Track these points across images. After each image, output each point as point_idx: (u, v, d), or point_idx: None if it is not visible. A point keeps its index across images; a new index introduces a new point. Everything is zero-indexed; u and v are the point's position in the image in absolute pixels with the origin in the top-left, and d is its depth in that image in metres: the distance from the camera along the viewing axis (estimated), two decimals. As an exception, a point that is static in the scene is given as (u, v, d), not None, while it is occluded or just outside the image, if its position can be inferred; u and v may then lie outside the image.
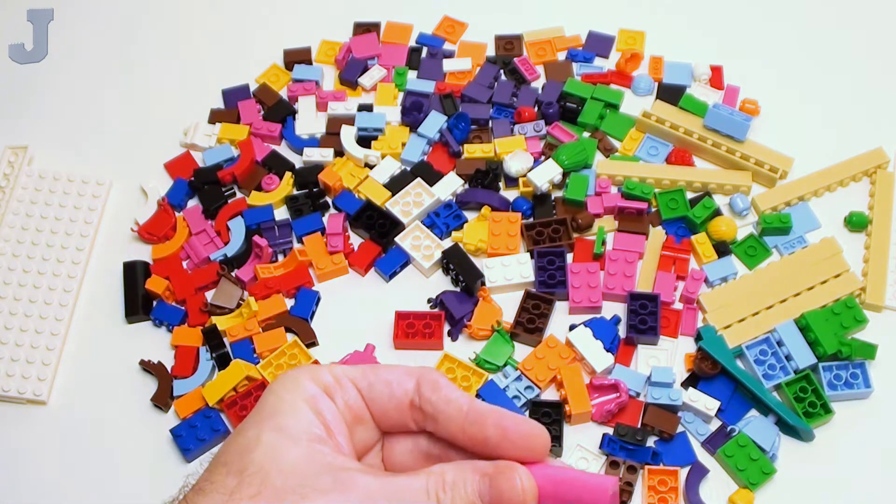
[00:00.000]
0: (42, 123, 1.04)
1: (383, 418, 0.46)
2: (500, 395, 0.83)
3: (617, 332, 0.87)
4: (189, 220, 0.95)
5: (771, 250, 0.91)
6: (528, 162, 0.94)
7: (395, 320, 0.88)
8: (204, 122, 1.02)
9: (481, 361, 0.85)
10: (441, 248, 0.91)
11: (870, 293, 0.87)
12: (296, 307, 0.90)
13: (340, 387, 0.46)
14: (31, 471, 0.84)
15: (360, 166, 0.98)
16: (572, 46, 1.06)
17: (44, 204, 0.96)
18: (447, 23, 1.09)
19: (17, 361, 0.88)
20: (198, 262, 0.93)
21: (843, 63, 1.04)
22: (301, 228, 0.94)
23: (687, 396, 0.82)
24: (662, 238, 0.91)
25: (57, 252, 0.94)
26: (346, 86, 1.05)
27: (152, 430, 0.84)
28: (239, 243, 0.93)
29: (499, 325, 0.86)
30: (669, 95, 1.00)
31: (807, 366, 0.83)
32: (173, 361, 0.88)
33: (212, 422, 0.83)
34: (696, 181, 0.95)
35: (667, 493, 0.78)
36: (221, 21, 1.11)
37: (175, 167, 1.00)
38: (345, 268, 0.92)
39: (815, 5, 1.08)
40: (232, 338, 0.88)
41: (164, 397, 0.85)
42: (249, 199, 0.96)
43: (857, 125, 0.98)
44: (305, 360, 0.86)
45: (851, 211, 0.92)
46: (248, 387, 0.84)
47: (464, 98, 1.02)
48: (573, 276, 0.89)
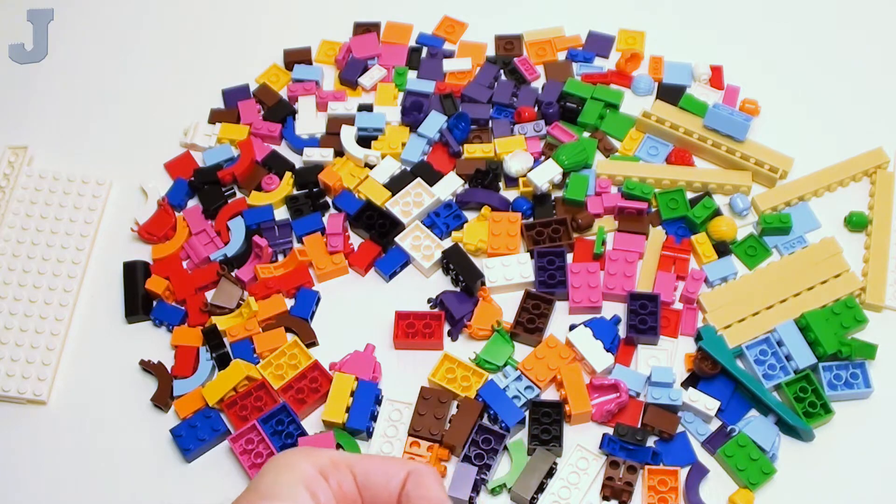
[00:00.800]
0: (42, 123, 1.04)
1: None
2: (500, 395, 0.83)
3: (617, 332, 0.87)
4: (189, 220, 0.95)
5: (771, 250, 0.91)
6: (528, 162, 0.94)
7: (395, 320, 0.88)
8: (204, 122, 1.02)
9: (481, 361, 0.85)
10: (441, 248, 0.91)
11: (870, 293, 0.87)
12: (296, 307, 0.90)
13: (337, 470, 0.46)
14: (31, 471, 0.84)
15: (360, 166, 0.98)
16: (572, 46, 1.06)
17: (44, 204, 0.96)
18: (447, 23, 1.09)
19: (17, 361, 0.88)
20: (198, 262, 0.93)
21: (843, 63, 1.04)
22: (301, 228, 0.94)
23: (687, 396, 0.82)
24: (662, 238, 0.91)
25: (57, 252, 0.94)
26: (346, 86, 1.05)
27: (152, 430, 0.85)
28: (239, 243, 0.93)
29: (499, 325, 0.86)
30: (669, 95, 1.00)
31: (807, 366, 0.83)
32: (173, 361, 0.88)
33: (212, 422, 0.83)
34: (696, 181, 0.95)
35: (667, 493, 0.78)
36: (221, 21, 1.11)
37: (175, 167, 1.00)
38: (345, 268, 0.92)
39: (815, 5, 1.08)
40: (232, 338, 0.88)
41: (164, 397, 0.85)
42: (249, 199, 0.96)
43: (857, 125, 0.99)
44: (305, 360, 0.86)
45: (851, 211, 0.92)
46: (248, 387, 0.84)
47: (464, 98, 1.02)
48: (573, 276, 0.89)
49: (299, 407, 0.83)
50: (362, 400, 0.83)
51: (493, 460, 0.80)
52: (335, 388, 0.83)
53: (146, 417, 0.86)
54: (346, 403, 0.82)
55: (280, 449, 0.80)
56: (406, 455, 0.81)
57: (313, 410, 0.85)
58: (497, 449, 0.80)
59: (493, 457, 0.80)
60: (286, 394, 0.84)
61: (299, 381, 0.84)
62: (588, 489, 0.79)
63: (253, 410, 0.83)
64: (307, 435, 0.82)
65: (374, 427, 0.83)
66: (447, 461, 0.82)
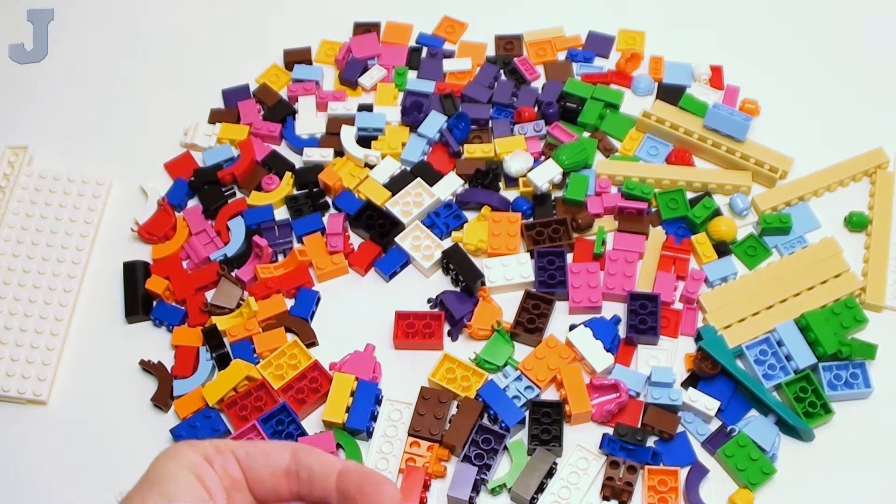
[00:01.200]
0: (42, 123, 1.04)
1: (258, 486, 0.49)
2: (500, 395, 0.83)
3: (617, 332, 0.87)
4: (189, 220, 0.95)
5: (771, 250, 0.91)
6: (528, 162, 0.94)
7: (395, 320, 0.88)
8: (204, 122, 1.02)
9: (481, 361, 0.85)
10: (441, 248, 0.91)
11: (870, 293, 0.87)
12: (296, 307, 0.90)
13: (220, 455, 0.49)
14: (31, 471, 0.84)
15: (360, 166, 0.98)
16: (572, 46, 1.06)
17: (44, 204, 0.96)
18: (447, 23, 1.09)
19: (17, 361, 0.88)
20: (198, 262, 0.93)
21: (843, 63, 1.04)
22: (301, 228, 0.94)
23: (687, 396, 0.82)
24: (662, 238, 0.91)
25: (57, 252, 0.94)
26: (346, 86, 1.04)
27: (152, 430, 0.84)
28: (239, 243, 0.93)
29: (499, 325, 0.86)
30: (669, 95, 1.00)
31: (807, 366, 0.83)
32: (173, 361, 0.88)
33: (212, 422, 0.83)
34: (696, 181, 0.95)
35: (667, 493, 0.78)
36: (221, 21, 1.11)
37: (175, 167, 1.00)
38: (345, 268, 0.92)
39: (815, 5, 1.08)
40: (232, 338, 0.88)
41: (165, 397, 0.85)
42: (249, 199, 0.96)
43: (857, 125, 0.99)
44: (305, 360, 0.86)
45: (851, 211, 0.92)
46: (248, 387, 0.84)
47: (464, 98, 1.02)
48: (573, 275, 0.89)
49: (299, 407, 0.83)
50: (362, 400, 0.83)
51: (493, 460, 0.80)
52: (335, 388, 0.83)
53: (146, 418, 0.86)
54: (346, 403, 0.82)
55: None
56: (406, 455, 0.81)
57: (313, 410, 0.85)
58: (497, 449, 0.80)
59: (493, 457, 0.80)
60: (286, 394, 0.84)
61: (299, 381, 0.84)
62: (588, 489, 0.79)
63: (253, 410, 0.83)
64: (307, 435, 0.82)
65: (374, 427, 0.83)
66: (447, 461, 0.82)
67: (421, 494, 0.78)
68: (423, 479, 0.79)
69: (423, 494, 0.79)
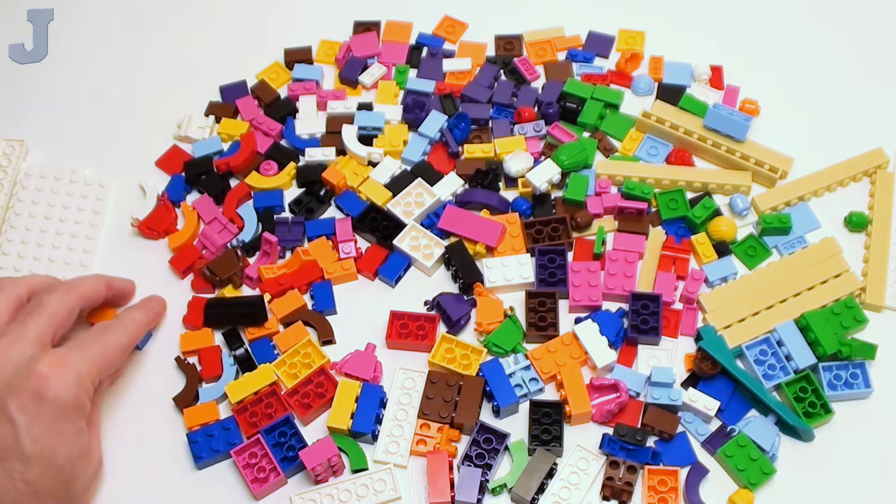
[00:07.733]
0: (42, 123, 1.04)
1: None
2: (501, 375, 0.83)
3: (622, 325, 0.87)
4: (199, 209, 0.95)
5: (771, 250, 0.91)
6: (528, 162, 0.94)
7: (390, 319, 0.87)
8: (198, 115, 1.02)
9: (490, 345, 0.85)
10: (441, 245, 0.91)
11: (870, 293, 0.87)
12: (317, 303, 0.89)
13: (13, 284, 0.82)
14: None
15: (364, 164, 0.98)
16: (572, 46, 1.06)
17: (46, 204, 0.96)
18: (447, 23, 1.09)
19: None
20: (215, 250, 0.93)
21: (842, 63, 1.04)
22: (313, 230, 0.94)
23: (687, 396, 0.82)
24: (662, 238, 0.91)
25: (64, 254, 0.94)
26: (347, 85, 1.04)
27: (164, 432, 0.84)
28: (253, 227, 0.93)
29: (512, 311, 0.86)
30: (669, 95, 1.00)
31: (807, 366, 0.83)
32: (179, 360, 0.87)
33: (229, 435, 0.82)
34: (696, 181, 0.95)
35: (667, 494, 0.78)
36: (221, 22, 1.11)
37: (166, 162, 0.99)
38: (353, 274, 0.91)
39: (815, 5, 1.08)
40: (251, 336, 0.88)
41: (188, 398, 0.85)
42: (248, 180, 0.96)
43: (857, 125, 0.99)
44: (319, 359, 0.85)
45: (851, 211, 0.93)
46: (260, 393, 0.84)
47: (464, 98, 1.02)
48: (574, 274, 0.89)
49: (304, 412, 0.83)
50: (367, 404, 0.83)
51: (494, 460, 0.80)
52: (340, 394, 0.83)
53: (152, 418, 0.85)
54: (350, 409, 0.82)
55: (280, 462, 0.80)
56: (416, 437, 0.82)
57: (318, 416, 0.85)
58: (498, 449, 0.80)
59: (495, 457, 0.80)
60: (292, 398, 0.84)
61: (305, 386, 0.84)
62: (588, 489, 0.79)
63: (263, 417, 0.83)
64: (308, 446, 0.81)
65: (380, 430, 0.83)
66: (457, 441, 0.82)
67: (449, 476, 0.79)
68: (448, 461, 0.79)
69: (451, 476, 0.79)
